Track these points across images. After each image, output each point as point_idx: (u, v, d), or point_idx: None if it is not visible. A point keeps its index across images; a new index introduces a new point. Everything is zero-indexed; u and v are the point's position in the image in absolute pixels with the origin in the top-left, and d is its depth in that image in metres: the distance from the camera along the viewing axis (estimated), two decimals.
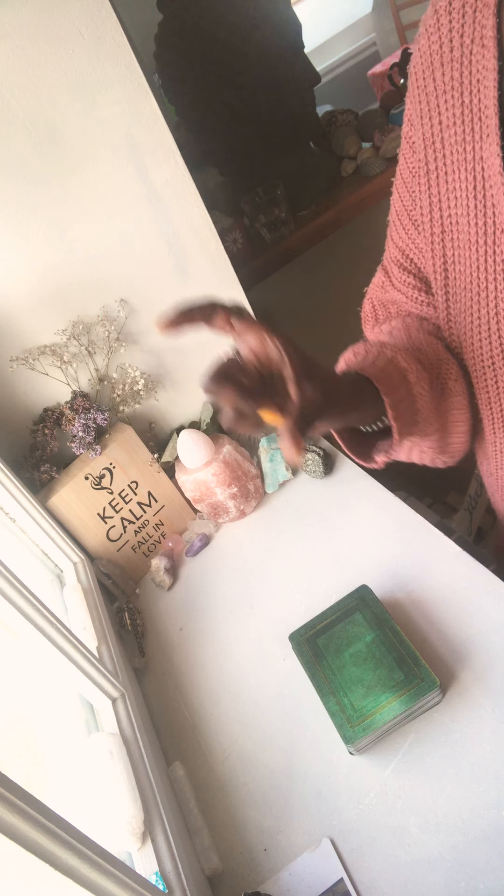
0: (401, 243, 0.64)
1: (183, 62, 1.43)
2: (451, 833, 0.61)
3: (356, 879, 0.62)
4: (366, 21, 3.43)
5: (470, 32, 0.49)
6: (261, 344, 0.47)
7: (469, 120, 0.51)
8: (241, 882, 0.67)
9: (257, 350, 0.48)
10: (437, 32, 0.51)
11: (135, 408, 1.10)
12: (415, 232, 0.61)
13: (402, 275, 0.65)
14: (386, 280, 0.69)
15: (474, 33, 0.49)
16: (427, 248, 0.60)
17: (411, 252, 0.63)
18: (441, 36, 0.51)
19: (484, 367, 0.59)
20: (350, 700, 0.71)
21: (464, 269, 0.56)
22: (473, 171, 0.52)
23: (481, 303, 0.56)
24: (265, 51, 1.42)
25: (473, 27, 0.49)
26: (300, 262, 1.63)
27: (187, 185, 0.98)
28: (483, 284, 0.55)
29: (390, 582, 0.86)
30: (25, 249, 0.95)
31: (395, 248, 0.65)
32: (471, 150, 0.52)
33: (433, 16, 0.52)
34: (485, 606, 0.77)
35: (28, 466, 1.04)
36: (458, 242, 0.56)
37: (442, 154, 0.54)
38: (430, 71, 0.53)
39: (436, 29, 0.51)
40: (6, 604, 0.71)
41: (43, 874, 0.40)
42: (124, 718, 0.80)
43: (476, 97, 0.50)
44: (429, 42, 0.52)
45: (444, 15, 0.50)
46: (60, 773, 0.74)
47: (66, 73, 0.86)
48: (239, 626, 0.95)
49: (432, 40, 0.52)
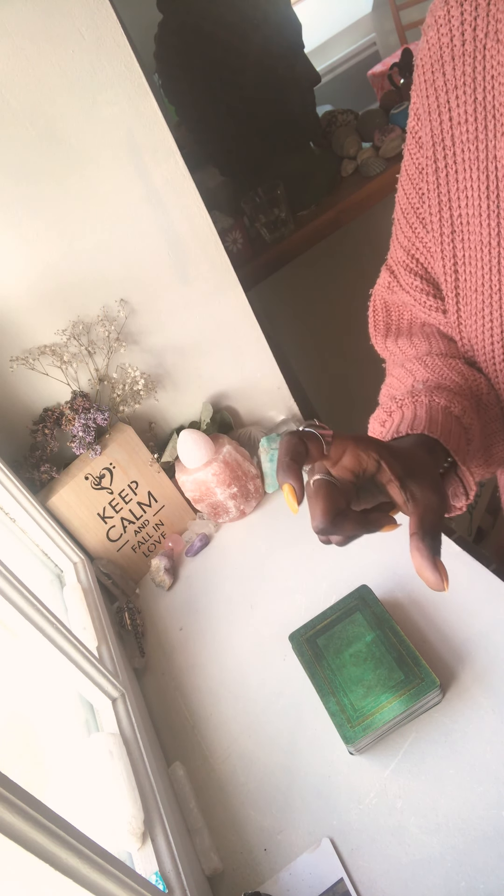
0: (407, 243, 0.62)
1: (183, 62, 1.43)
2: (451, 833, 0.61)
3: (356, 879, 0.62)
4: (366, 21, 3.43)
5: (483, 26, 0.47)
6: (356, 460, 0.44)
7: (482, 117, 0.50)
8: (241, 882, 0.67)
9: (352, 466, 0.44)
10: (448, 25, 0.49)
11: (135, 408, 1.10)
12: (423, 231, 0.60)
13: (410, 278, 0.64)
14: (392, 281, 0.68)
15: (488, 27, 0.47)
16: (437, 249, 0.58)
17: (418, 253, 0.62)
18: (452, 28, 0.49)
19: (497, 371, 0.58)
20: (350, 700, 0.71)
21: (475, 270, 0.55)
22: (486, 171, 0.51)
23: (493, 305, 0.54)
24: (265, 51, 1.42)
25: (487, 20, 0.47)
26: (300, 262, 1.63)
27: (187, 185, 0.98)
28: (497, 287, 0.53)
29: (390, 582, 0.86)
30: (25, 249, 0.95)
31: (402, 249, 0.64)
32: (483, 149, 0.50)
33: (443, 7, 0.49)
34: (485, 606, 0.77)
35: (28, 466, 1.04)
36: (469, 243, 0.55)
37: (452, 152, 0.53)
38: (439, 65, 0.51)
39: (446, 21, 0.49)
40: (6, 604, 0.70)
41: (43, 874, 0.40)
42: (124, 718, 0.80)
43: (490, 94, 0.49)
44: (438, 35, 0.50)
45: (456, 7, 0.48)
46: (60, 773, 0.74)
47: (66, 73, 0.86)
48: (239, 626, 0.95)
49: (442, 33, 0.50)
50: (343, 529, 0.42)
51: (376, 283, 0.72)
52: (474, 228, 0.54)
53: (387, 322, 0.71)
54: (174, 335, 1.11)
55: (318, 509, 0.41)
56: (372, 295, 0.73)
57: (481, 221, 0.52)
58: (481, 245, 0.53)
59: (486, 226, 0.52)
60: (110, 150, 0.93)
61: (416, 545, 0.41)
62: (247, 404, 1.25)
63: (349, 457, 0.44)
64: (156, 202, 0.98)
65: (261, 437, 1.19)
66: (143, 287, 1.05)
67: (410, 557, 0.41)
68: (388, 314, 0.71)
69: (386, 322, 0.71)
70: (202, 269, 1.07)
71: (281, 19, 1.45)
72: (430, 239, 0.59)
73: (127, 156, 0.94)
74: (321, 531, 0.42)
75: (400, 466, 0.44)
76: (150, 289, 1.06)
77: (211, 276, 1.08)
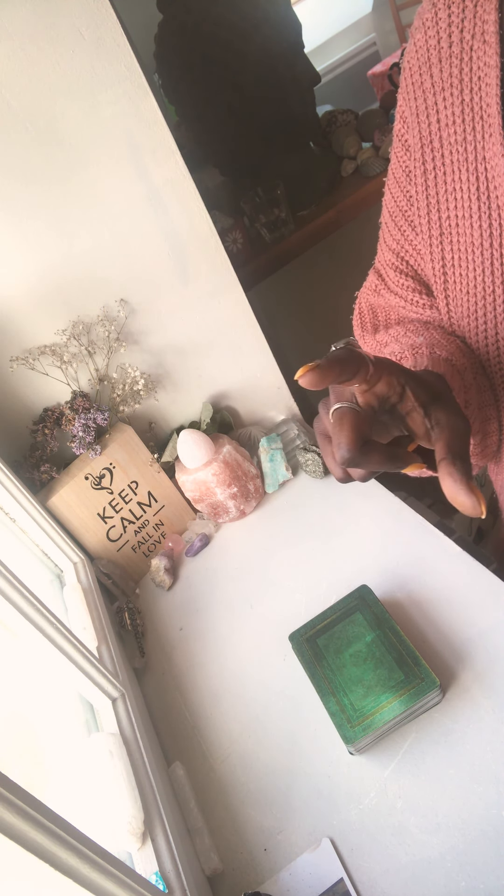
0: (395, 245, 0.62)
1: (183, 62, 1.43)
2: (451, 833, 0.61)
3: (356, 879, 0.62)
4: (366, 21, 3.43)
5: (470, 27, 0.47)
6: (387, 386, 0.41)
7: (470, 119, 0.50)
8: (241, 882, 0.68)
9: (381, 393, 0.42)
10: (436, 27, 0.49)
11: (135, 408, 1.10)
12: (411, 234, 0.59)
13: (399, 278, 0.63)
14: (380, 283, 0.67)
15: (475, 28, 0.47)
16: (425, 251, 0.58)
17: (407, 255, 0.61)
18: (439, 31, 0.49)
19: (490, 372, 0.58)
20: (350, 700, 0.71)
21: (464, 272, 0.55)
22: (476, 172, 0.50)
23: (487, 307, 0.54)
24: (265, 51, 1.42)
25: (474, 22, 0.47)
26: (300, 262, 1.63)
27: (187, 185, 0.98)
28: (490, 289, 0.53)
29: (390, 582, 0.86)
30: (25, 249, 0.95)
31: (389, 251, 0.63)
32: (472, 150, 0.50)
33: (431, 9, 0.49)
34: (485, 606, 0.77)
35: (28, 466, 1.04)
36: (459, 245, 0.54)
37: (440, 154, 0.53)
38: (426, 67, 0.51)
39: (433, 23, 0.49)
40: (6, 604, 0.70)
41: (43, 874, 0.40)
42: (124, 718, 0.80)
43: (477, 95, 0.48)
44: (426, 37, 0.50)
45: (443, 9, 0.48)
46: (60, 773, 0.74)
47: (66, 73, 0.86)
48: (239, 626, 0.95)
49: (429, 35, 0.50)
50: (370, 460, 0.39)
51: (362, 287, 0.71)
52: (464, 230, 0.53)
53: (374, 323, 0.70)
54: (174, 335, 1.11)
55: (344, 438, 0.39)
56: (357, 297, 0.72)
57: (472, 223, 0.52)
58: (472, 247, 0.53)
59: (478, 227, 0.52)
60: (110, 150, 0.93)
61: (447, 469, 0.38)
62: (247, 404, 1.25)
63: (382, 383, 0.41)
64: (156, 202, 0.98)
65: (261, 437, 1.19)
66: (143, 287, 1.05)
67: (441, 485, 0.39)
68: (375, 316, 0.70)
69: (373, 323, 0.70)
70: (202, 269, 1.07)
71: (281, 19, 1.45)
72: (419, 241, 0.59)
73: (127, 156, 0.94)
74: (347, 462, 0.39)
75: (424, 393, 0.42)
76: (150, 289, 1.06)
77: (211, 276, 1.08)
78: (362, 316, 0.71)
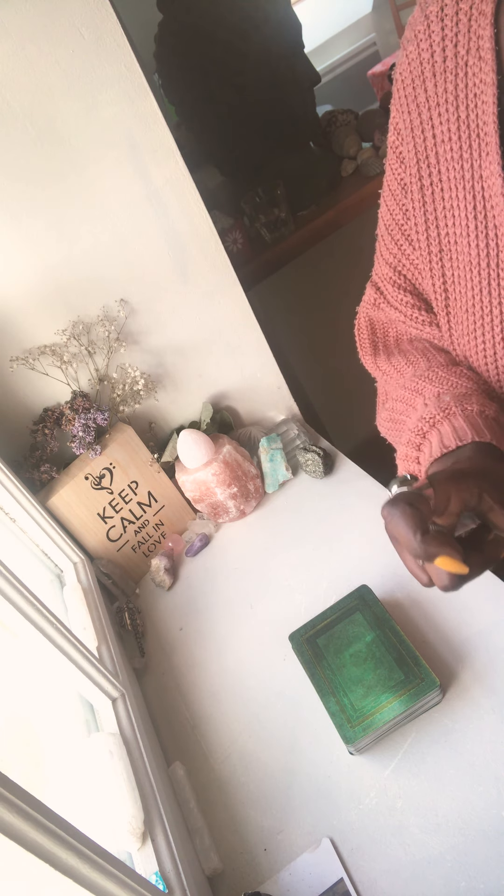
0: (393, 260, 0.61)
1: (183, 62, 1.43)
2: (451, 833, 0.61)
3: (356, 879, 0.62)
4: (366, 21, 3.42)
5: (465, 42, 0.46)
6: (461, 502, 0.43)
7: (466, 136, 0.49)
8: (241, 882, 0.68)
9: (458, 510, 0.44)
10: (429, 40, 0.48)
11: (135, 408, 1.10)
12: (409, 248, 0.58)
13: (399, 293, 0.62)
14: (379, 297, 0.66)
15: (469, 43, 0.46)
16: (425, 267, 0.57)
17: (405, 270, 0.60)
18: (433, 44, 0.48)
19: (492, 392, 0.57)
20: (350, 700, 0.71)
21: (464, 290, 0.54)
22: (472, 190, 0.50)
23: (486, 326, 0.53)
24: (265, 51, 1.42)
25: (468, 37, 0.46)
26: (300, 262, 1.63)
27: (187, 185, 0.98)
28: (487, 308, 0.52)
29: (390, 582, 0.86)
30: (25, 249, 0.95)
31: (387, 265, 0.62)
32: (469, 168, 0.49)
33: (423, 21, 0.48)
34: (485, 606, 0.77)
35: (28, 466, 1.04)
36: (458, 262, 0.54)
37: (437, 170, 0.52)
38: (420, 80, 0.50)
39: (426, 36, 0.48)
40: (6, 604, 0.70)
41: (43, 874, 0.40)
42: (124, 718, 0.80)
43: (473, 112, 0.47)
44: (419, 49, 0.49)
45: (436, 22, 0.47)
46: (60, 773, 0.74)
47: (66, 73, 0.86)
48: (239, 626, 0.95)
49: (422, 48, 0.49)
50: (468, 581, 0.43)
51: (362, 301, 0.70)
52: (462, 248, 0.53)
53: (372, 340, 0.69)
54: (174, 335, 1.11)
55: (444, 574, 0.42)
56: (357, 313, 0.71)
57: (469, 242, 0.51)
58: (470, 266, 0.52)
59: (475, 246, 0.51)
60: (110, 150, 0.93)
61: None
62: (247, 404, 1.25)
63: (454, 501, 0.43)
64: (156, 202, 0.98)
65: (261, 437, 1.19)
66: (143, 287, 1.05)
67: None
68: (373, 332, 0.69)
69: (372, 340, 0.70)
70: (202, 268, 1.07)
71: (281, 19, 1.45)
72: (418, 256, 0.58)
73: (127, 156, 0.94)
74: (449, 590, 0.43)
75: (498, 492, 0.43)
76: (150, 289, 1.06)
77: (211, 275, 1.08)
78: (360, 333, 0.71)
